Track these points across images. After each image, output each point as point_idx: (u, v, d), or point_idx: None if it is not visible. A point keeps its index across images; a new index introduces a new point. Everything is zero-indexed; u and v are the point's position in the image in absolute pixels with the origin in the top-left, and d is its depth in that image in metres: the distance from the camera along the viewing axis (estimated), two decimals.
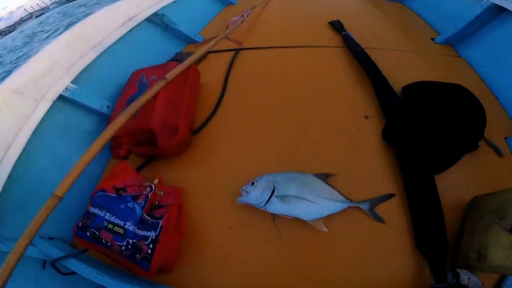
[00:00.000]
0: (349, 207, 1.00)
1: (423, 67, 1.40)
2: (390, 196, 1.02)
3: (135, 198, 0.98)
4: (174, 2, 1.88)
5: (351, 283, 0.92)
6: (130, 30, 1.56)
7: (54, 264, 0.91)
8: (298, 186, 0.99)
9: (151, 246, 0.89)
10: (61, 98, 1.20)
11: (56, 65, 1.22)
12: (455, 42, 1.55)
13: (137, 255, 0.89)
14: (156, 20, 1.74)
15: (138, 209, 0.96)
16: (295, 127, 1.21)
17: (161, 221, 0.94)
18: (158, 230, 0.92)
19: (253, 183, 1.01)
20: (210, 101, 1.31)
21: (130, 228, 0.91)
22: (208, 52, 1.55)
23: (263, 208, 0.98)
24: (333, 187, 1.02)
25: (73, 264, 0.91)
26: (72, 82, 1.25)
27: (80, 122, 1.21)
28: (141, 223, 0.93)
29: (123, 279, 0.89)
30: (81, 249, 0.98)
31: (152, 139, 1.12)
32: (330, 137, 1.17)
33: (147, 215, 0.95)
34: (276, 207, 0.98)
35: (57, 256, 0.92)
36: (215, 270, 0.98)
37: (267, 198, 0.97)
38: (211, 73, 1.43)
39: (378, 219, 1.00)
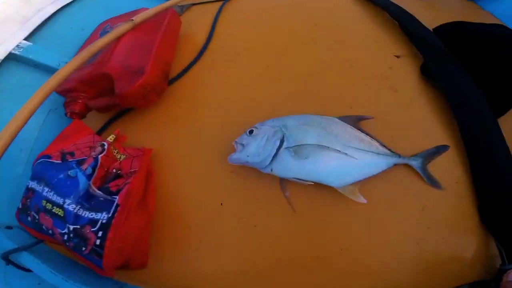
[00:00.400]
0: (395, 164, 0.68)
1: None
2: (444, 148, 0.70)
3: (80, 163, 0.66)
4: None
5: (401, 275, 0.64)
6: None
7: (8, 259, 0.67)
8: (318, 132, 0.66)
9: (100, 234, 0.58)
10: (11, 57, 0.95)
11: (7, 20, 0.98)
12: None
13: (83, 248, 0.58)
14: None
15: (82, 179, 0.64)
16: (307, 66, 0.88)
17: (117, 197, 0.62)
18: (111, 211, 0.60)
19: (251, 132, 0.67)
20: (193, 50, 0.98)
21: (70, 208, 0.60)
22: (193, 5, 1.24)
23: (268, 170, 0.66)
24: (370, 135, 0.69)
25: (26, 259, 0.67)
26: (26, 39, 1.00)
27: (36, 83, 0.90)
28: (87, 200, 0.62)
29: (81, 279, 0.65)
30: (37, 240, 0.70)
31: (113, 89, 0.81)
32: (354, 75, 0.85)
33: (98, 189, 0.64)
34: (288, 166, 0.65)
35: (8, 248, 0.67)
36: (202, 263, 0.68)
37: (274, 152, 0.64)
38: (196, 24, 1.09)
39: (434, 183, 0.68)
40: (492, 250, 0.66)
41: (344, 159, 0.64)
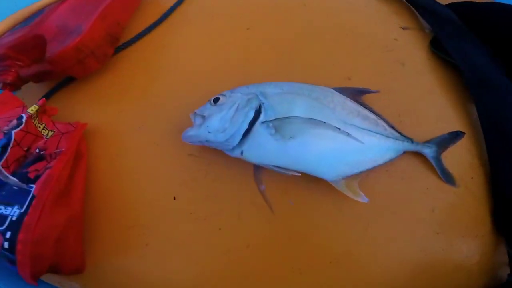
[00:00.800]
0: (405, 152, 0.52)
1: None
2: (459, 135, 0.54)
3: None
4: None
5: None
6: None
7: None
8: (310, 103, 0.48)
9: (7, 235, 0.41)
10: None
11: None
12: None
13: None
14: None
15: None
16: (294, 31, 0.70)
17: (34, 186, 0.45)
18: (25, 204, 0.43)
19: (216, 100, 0.49)
20: (158, 12, 0.78)
21: None
22: None
23: (237, 154, 0.48)
24: (375, 112, 0.52)
25: None
26: None
27: None
28: None
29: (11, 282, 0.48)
30: None
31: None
32: (352, 44, 0.68)
33: (12, 174, 0.47)
34: (265, 148, 0.46)
35: None
36: (149, 271, 0.51)
37: (245, 126, 0.46)
38: None
39: (449, 178, 0.53)
40: (501, 258, 0.53)
41: (343, 141, 0.47)
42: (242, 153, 0.47)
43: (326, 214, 0.51)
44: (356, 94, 0.53)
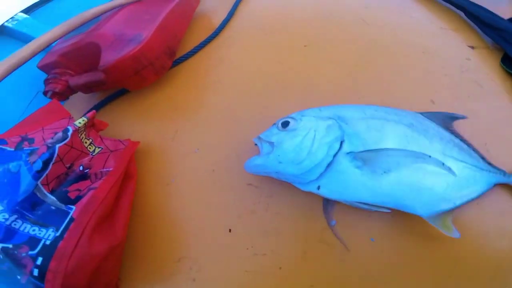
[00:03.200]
0: (495, 185, 0.42)
1: None
2: None
3: (30, 153, 0.40)
4: None
5: None
6: None
7: None
8: (404, 132, 0.38)
9: (38, 261, 0.33)
10: (3, 31, 0.72)
11: None
12: None
13: (18, 276, 0.33)
14: None
15: (25, 177, 0.38)
16: (356, 47, 0.60)
17: (73, 207, 0.37)
18: (62, 228, 0.35)
19: (285, 124, 0.40)
20: (210, 27, 0.71)
21: (1, 218, 0.35)
22: None
23: (313, 188, 0.38)
24: (466, 141, 0.42)
25: None
26: (24, 11, 0.77)
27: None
28: (31, 208, 0.37)
29: None
30: None
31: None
32: (428, 63, 0.57)
33: (51, 192, 0.39)
34: (349, 183, 0.37)
35: None
36: None
37: (329, 159, 0.36)
38: (216, 4, 0.84)
39: None
40: None
41: (443, 175, 0.37)
42: (319, 188, 0.37)
43: (409, 252, 0.41)
44: (446, 120, 0.42)
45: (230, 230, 0.44)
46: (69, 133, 0.43)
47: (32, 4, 0.80)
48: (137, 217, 0.46)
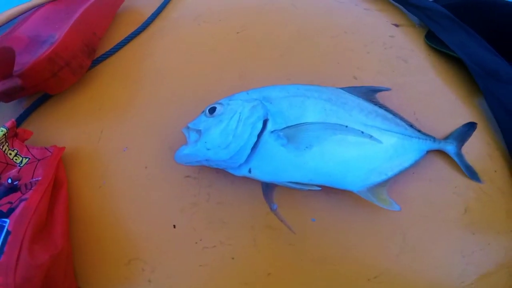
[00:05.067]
0: (427, 151, 0.46)
1: None
2: (472, 126, 0.49)
3: None
4: None
5: None
6: None
7: None
8: (323, 106, 0.40)
9: None
10: None
11: None
12: None
13: None
14: None
15: None
16: (288, 31, 0.63)
17: (7, 220, 0.37)
18: (1, 241, 0.36)
19: (212, 110, 0.41)
20: (139, 21, 0.68)
21: None
22: None
23: (245, 172, 0.40)
24: (392, 111, 0.46)
25: None
26: None
27: None
28: None
29: None
30: None
31: None
32: (351, 41, 0.62)
33: None
34: (277, 162, 0.39)
35: None
36: None
37: (253, 140, 0.38)
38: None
39: (473, 174, 0.47)
40: None
41: (367, 146, 0.40)
42: (250, 171, 0.39)
43: (356, 229, 0.44)
44: (368, 93, 0.46)
45: (174, 226, 0.44)
46: None
47: None
48: (77, 223, 0.46)
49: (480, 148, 0.51)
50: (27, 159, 0.47)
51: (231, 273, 0.42)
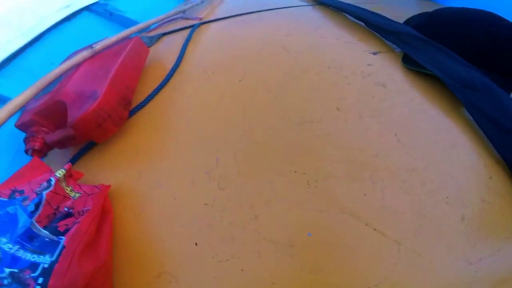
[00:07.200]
0: None
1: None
2: None
3: (24, 200, 0.55)
4: None
5: None
6: (69, 20, 1.26)
7: None
8: None
9: (40, 280, 0.46)
10: None
11: None
12: None
13: None
14: (99, 8, 1.41)
15: (21, 216, 0.52)
16: (282, 73, 0.77)
17: (63, 238, 0.51)
18: (56, 253, 0.49)
19: None
20: (161, 76, 0.88)
21: (6, 248, 0.49)
22: (163, 34, 1.19)
23: None
24: None
25: None
26: None
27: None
28: (30, 240, 0.51)
29: None
30: None
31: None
32: (336, 74, 0.74)
33: (44, 228, 0.52)
34: None
35: None
36: None
37: None
38: (165, 52, 1.01)
39: None
40: None
41: None
42: None
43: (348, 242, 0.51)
44: None
45: (196, 244, 0.55)
46: (52, 183, 0.57)
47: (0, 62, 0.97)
48: (119, 243, 0.58)
49: (472, 158, 0.57)
50: (79, 193, 0.61)
51: (241, 283, 0.51)
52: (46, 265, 0.47)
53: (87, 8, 1.37)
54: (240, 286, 0.51)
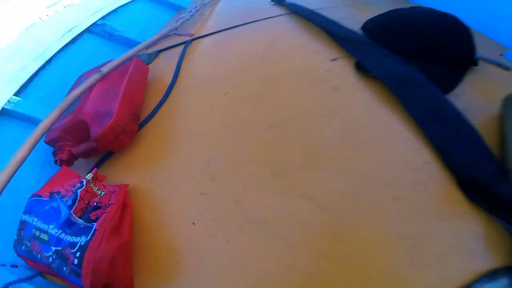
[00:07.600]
0: None
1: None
2: None
3: (62, 197, 0.73)
4: (114, 11, 1.69)
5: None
6: (73, 42, 1.42)
7: None
8: None
9: (77, 254, 0.63)
10: (3, 112, 1.04)
11: None
12: None
13: (64, 268, 0.63)
14: (98, 30, 1.58)
15: (63, 209, 0.70)
16: (257, 83, 0.94)
17: (95, 223, 0.68)
18: (90, 235, 0.65)
19: None
20: (162, 90, 1.06)
21: (53, 232, 0.67)
22: (159, 51, 1.36)
23: None
24: None
25: None
26: (15, 94, 1.10)
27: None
28: (69, 227, 0.68)
29: None
30: (35, 273, 0.75)
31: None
32: (302, 81, 0.89)
33: (79, 218, 0.70)
34: None
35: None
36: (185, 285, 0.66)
37: None
38: (163, 68, 1.20)
39: None
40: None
41: None
42: None
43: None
44: None
45: (193, 223, 0.71)
46: (84, 183, 0.75)
47: (21, 86, 1.14)
48: (137, 228, 0.74)
49: (406, 147, 0.65)
50: (104, 192, 0.79)
51: (224, 250, 0.64)
52: (82, 243, 0.63)
53: (88, 30, 1.53)
54: (224, 253, 0.64)
